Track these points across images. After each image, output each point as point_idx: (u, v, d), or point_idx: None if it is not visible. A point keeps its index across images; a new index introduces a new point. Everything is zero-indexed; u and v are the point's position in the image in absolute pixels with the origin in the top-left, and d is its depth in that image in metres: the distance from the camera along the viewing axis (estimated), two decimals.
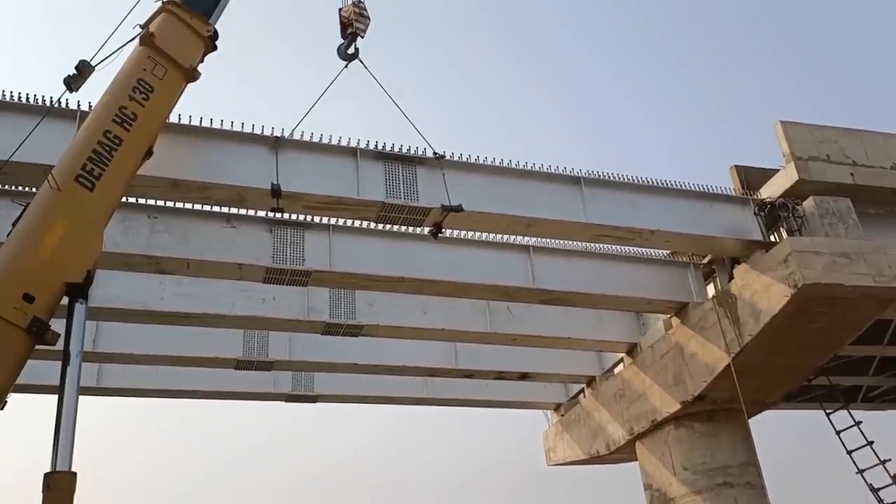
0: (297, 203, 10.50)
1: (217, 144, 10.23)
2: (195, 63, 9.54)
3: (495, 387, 17.79)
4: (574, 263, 13.43)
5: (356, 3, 11.40)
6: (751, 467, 13.92)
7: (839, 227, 12.22)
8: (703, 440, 14.09)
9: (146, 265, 11.04)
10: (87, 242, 7.78)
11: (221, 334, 14.19)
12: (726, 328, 12.83)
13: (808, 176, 12.64)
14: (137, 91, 8.66)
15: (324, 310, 13.23)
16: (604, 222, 11.89)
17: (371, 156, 11.01)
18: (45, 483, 6.76)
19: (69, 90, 8.88)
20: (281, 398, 16.64)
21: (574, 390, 18.61)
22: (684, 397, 13.80)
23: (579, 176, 12.13)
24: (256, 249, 11.38)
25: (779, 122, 13.00)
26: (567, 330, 14.79)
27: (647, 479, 15.19)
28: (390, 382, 17.14)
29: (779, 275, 11.82)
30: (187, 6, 9.52)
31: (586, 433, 17.43)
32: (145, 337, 13.84)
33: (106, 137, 8.17)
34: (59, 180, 7.74)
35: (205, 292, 12.52)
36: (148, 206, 10.81)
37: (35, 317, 7.05)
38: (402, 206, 10.74)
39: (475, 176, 11.48)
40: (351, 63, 11.42)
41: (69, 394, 7.21)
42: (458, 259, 12.59)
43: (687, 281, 14.04)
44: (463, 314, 14.11)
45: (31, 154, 8.72)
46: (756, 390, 13.60)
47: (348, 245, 11.98)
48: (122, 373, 15.31)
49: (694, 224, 12.51)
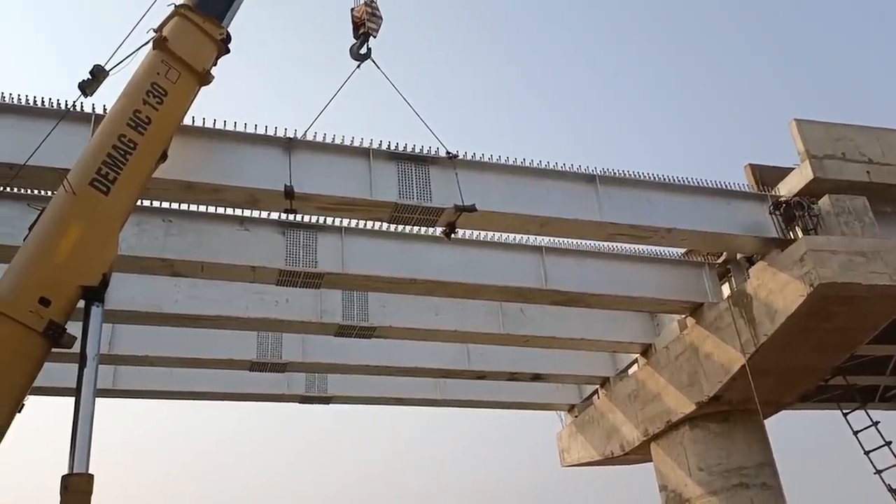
0: (310, 204, 10.51)
1: (230, 146, 10.26)
2: (208, 66, 9.57)
3: (508, 388, 17.76)
4: (587, 264, 13.37)
5: (368, 2, 11.37)
6: (767, 468, 13.82)
7: (855, 226, 12.11)
8: (718, 441, 14.01)
9: (161, 268, 11.10)
10: (103, 246, 7.83)
11: (235, 336, 14.24)
12: (741, 328, 12.75)
13: (823, 174, 12.53)
14: (151, 95, 8.70)
15: (336, 312, 13.25)
16: (619, 221, 11.82)
17: (384, 156, 11.01)
18: (62, 485, 6.81)
19: (84, 95, 8.94)
20: (295, 399, 16.68)
21: (588, 391, 18.54)
22: (699, 398, 13.72)
23: (594, 174, 12.06)
24: (269, 252, 11.41)
25: (793, 121, 12.90)
26: (580, 331, 14.74)
27: (663, 480, 15.11)
28: (403, 384, 17.14)
29: (794, 274, 11.73)
30: (200, 10, 9.55)
31: (600, 434, 17.37)
32: (160, 339, 13.92)
33: (120, 141, 8.21)
34: (74, 184, 7.79)
35: (219, 295, 12.58)
36: (162, 210, 10.88)
37: (51, 320, 7.10)
38: (416, 207, 10.73)
39: (488, 175, 11.45)
40: (363, 63, 11.42)
41: (86, 396, 7.27)
42: (471, 260, 12.58)
43: (702, 281, 13.96)
44: (475, 315, 14.10)
45: (46, 158, 8.76)
46: (772, 390, 13.51)
47: (360, 247, 11.99)
48: (137, 375, 15.39)
49: (711, 222, 12.41)
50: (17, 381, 6.95)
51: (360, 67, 11.39)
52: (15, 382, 6.94)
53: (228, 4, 9.99)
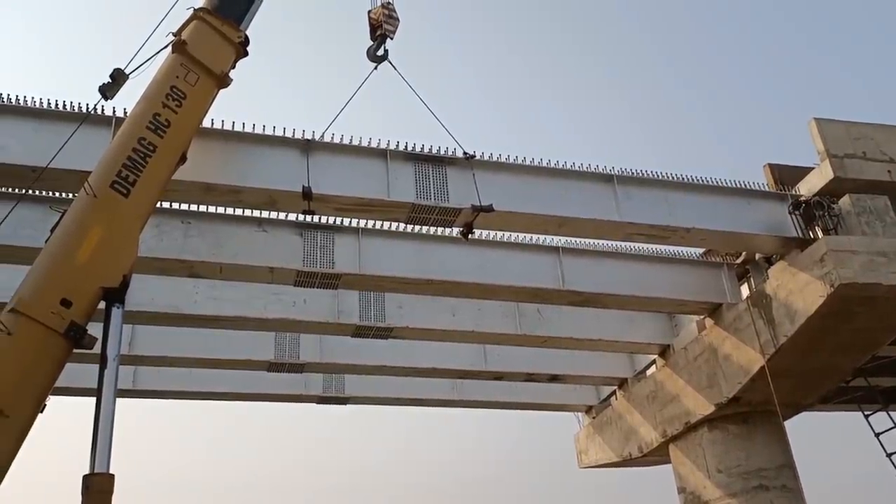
0: (328, 205, 10.56)
1: (249, 148, 10.33)
2: (227, 69, 9.62)
3: (525, 389, 17.74)
4: (604, 264, 13.32)
5: (385, 4, 11.41)
6: (787, 470, 13.70)
7: (876, 226, 11.98)
8: (737, 442, 13.91)
9: (180, 269, 11.19)
10: (123, 248, 7.90)
11: (253, 337, 14.33)
12: (761, 329, 12.65)
13: (843, 174, 12.40)
14: (171, 98, 8.76)
15: (354, 312, 13.30)
16: (637, 220, 11.77)
17: (401, 157, 11.03)
18: (84, 485, 6.87)
19: (104, 98, 9.04)
20: (312, 400, 16.75)
21: (605, 392, 18.47)
22: (719, 399, 13.63)
23: (612, 174, 12.01)
24: (287, 253, 11.47)
25: (813, 120, 12.78)
26: (598, 332, 14.69)
27: (681, 481, 15.03)
28: (420, 384, 17.16)
29: (815, 274, 11.62)
30: (218, 13, 9.62)
31: (618, 436, 17.30)
32: (179, 340, 14.04)
33: (140, 144, 8.28)
34: (95, 187, 7.86)
35: (237, 295, 12.66)
36: (182, 212, 10.98)
37: (73, 321, 7.17)
38: (433, 207, 10.74)
39: (505, 175, 11.43)
40: (380, 65, 11.44)
41: (107, 396, 7.32)
42: (487, 261, 12.57)
43: (720, 281, 13.86)
44: (492, 316, 14.09)
45: (68, 161, 8.86)
46: (792, 392, 13.40)
47: (378, 247, 12.02)
48: (157, 375, 15.53)
49: (730, 221, 12.32)
50: (39, 381, 7.03)
51: (378, 69, 11.42)
52: (37, 383, 7.01)
53: (247, 8, 10.04)
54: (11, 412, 6.68)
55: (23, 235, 9.88)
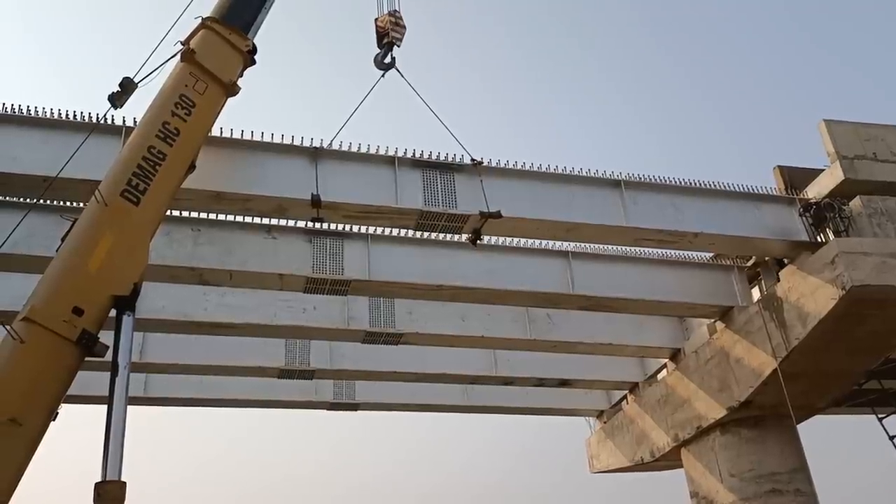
0: (336, 213, 10.60)
1: (258, 156, 10.38)
2: (235, 78, 9.67)
3: (536, 394, 17.69)
4: (614, 268, 13.30)
5: (392, 12, 11.46)
6: (800, 474, 13.59)
7: (888, 227, 11.91)
8: (750, 446, 13.82)
9: (190, 277, 11.25)
10: (134, 256, 7.94)
11: (264, 344, 14.38)
12: (772, 332, 12.58)
13: (854, 175, 12.34)
14: (179, 107, 8.82)
15: (364, 318, 13.32)
16: (645, 225, 11.76)
17: (409, 164, 11.06)
18: (95, 492, 6.89)
19: (114, 107, 9.12)
20: (323, 406, 16.79)
21: (616, 397, 18.41)
22: (730, 403, 13.55)
23: (619, 179, 12.02)
24: (297, 260, 11.51)
25: (822, 121, 12.72)
26: (608, 336, 14.65)
27: (694, 486, 14.94)
28: (430, 390, 17.17)
29: (826, 277, 11.55)
30: (226, 22, 9.68)
31: (630, 440, 17.22)
32: (190, 347, 14.09)
33: (150, 153, 8.33)
34: (105, 195, 7.91)
35: (247, 302, 12.72)
36: (191, 219, 11.03)
37: (84, 329, 7.20)
38: (441, 214, 10.77)
39: (513, 181, 11.46)
40: (387, 72, 11.48)
41: (118, 404, 7.34)
42: (497, 266, 12.57)
43: (731, 284, 13.81)
44: (502, 321, 14.08)
45: (78, 170, 8.93)
46: (804, 395, 13.30)
47: (387, 254, 12.05)
48: (168, 382, 15.60)
49: (739, 226, 12.29)
50: (51, 389, 7.06)
51: (385, 76, 11.46)
52: (49, 391, 7.04)
53: (254, 16, 10.11)
54: (24, 420, 6.71)
55: (34, 244, 9.96)
